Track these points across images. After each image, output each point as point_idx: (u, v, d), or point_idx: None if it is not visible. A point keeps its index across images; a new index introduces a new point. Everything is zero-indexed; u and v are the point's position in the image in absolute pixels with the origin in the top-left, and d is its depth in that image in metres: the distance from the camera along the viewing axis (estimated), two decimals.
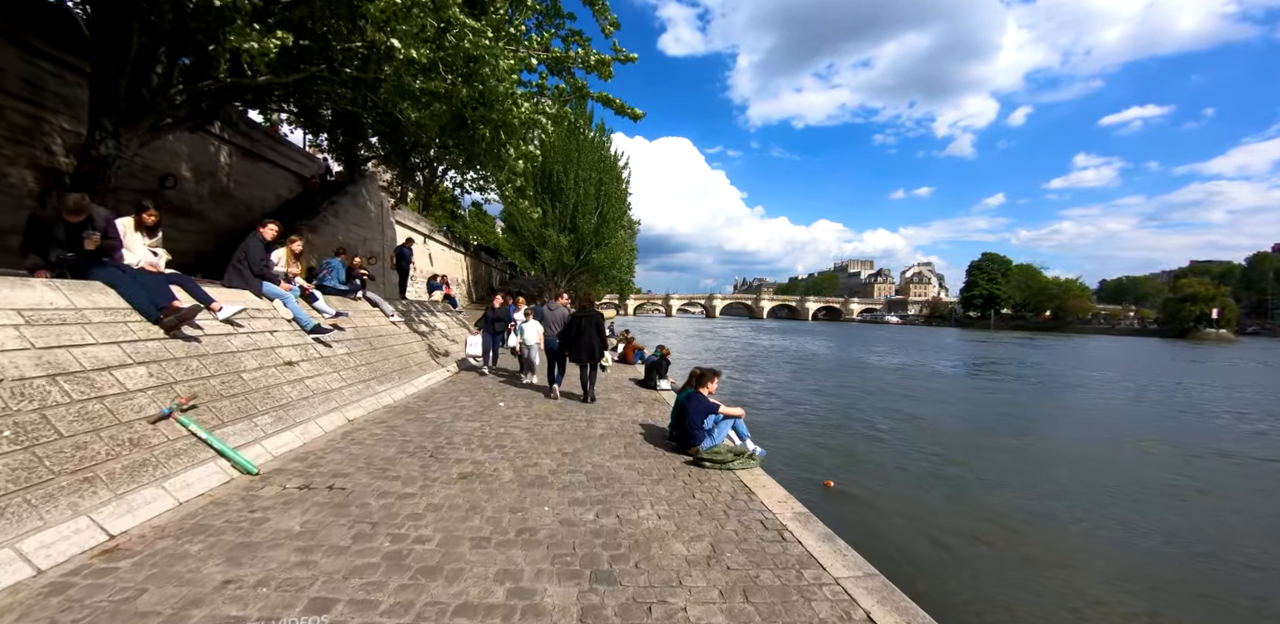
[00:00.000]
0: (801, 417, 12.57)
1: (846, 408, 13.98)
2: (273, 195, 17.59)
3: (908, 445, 10.08)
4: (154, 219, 5.34)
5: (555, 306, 9.19)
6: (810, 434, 10.70)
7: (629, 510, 3.95)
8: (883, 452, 9.62)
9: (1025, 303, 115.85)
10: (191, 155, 13.49)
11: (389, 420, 6.42)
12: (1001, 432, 11.64)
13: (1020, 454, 9.80)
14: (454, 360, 11.12)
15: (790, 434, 10.56)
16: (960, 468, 8.76)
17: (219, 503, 3.71)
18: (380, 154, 15.62)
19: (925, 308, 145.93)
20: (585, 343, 7.87)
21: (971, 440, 10.74)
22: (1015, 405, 15.66)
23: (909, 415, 13.07)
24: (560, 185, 34.83)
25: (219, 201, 14.54)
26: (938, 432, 11.41)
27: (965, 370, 25.81)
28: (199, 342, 5.02)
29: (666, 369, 10.21)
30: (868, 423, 12.02)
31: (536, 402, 8.12)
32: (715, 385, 5.74)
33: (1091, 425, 12.84)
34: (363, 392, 6.98)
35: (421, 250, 34.72)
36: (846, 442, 10.23)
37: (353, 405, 6.49)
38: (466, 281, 46.07)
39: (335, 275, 8.81)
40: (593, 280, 43.15)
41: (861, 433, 11.02)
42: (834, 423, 11.88)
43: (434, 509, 3.78)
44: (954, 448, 9.97)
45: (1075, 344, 57.22)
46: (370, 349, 8.21)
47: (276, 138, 18.27)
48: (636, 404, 8.38)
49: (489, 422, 6.63)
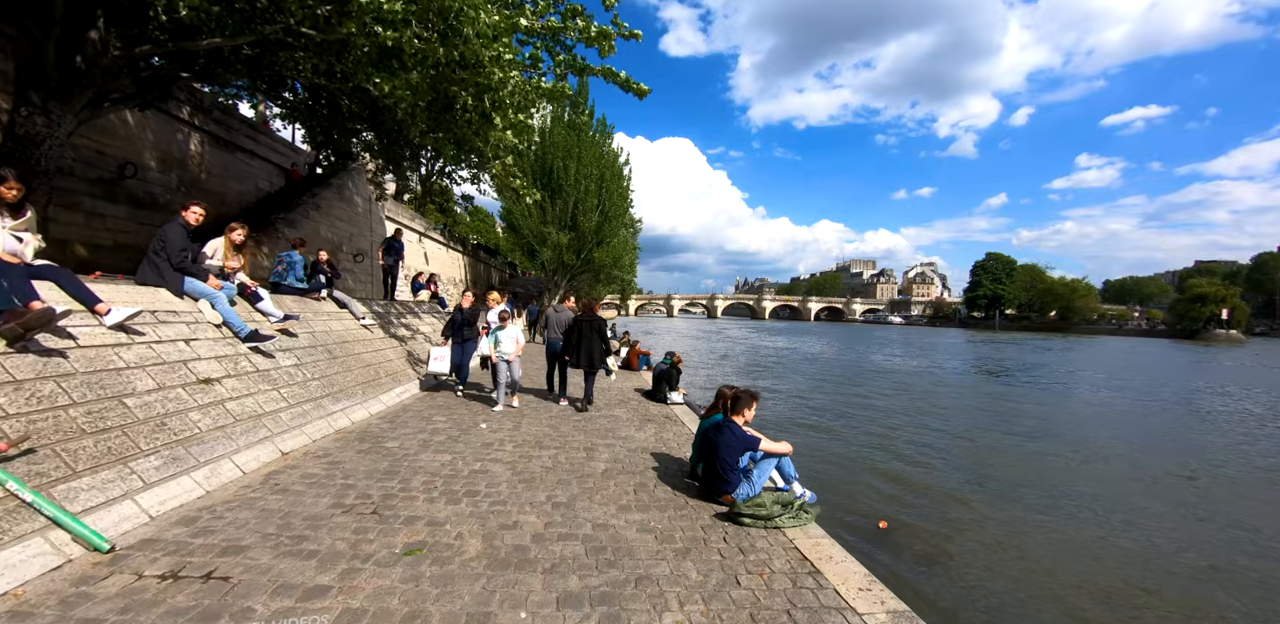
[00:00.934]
0: (834, 433, 11.22)
1: (879, 422, 12.67)
2: (252, 188, 16.32)
3: (957, 468, 8.76)
4: (14, 194, 4.02)
5: (561, 308, 8.61)
6: (845, 455, 9.37)
7: (648, 615, 2.64)
8: (933, 477, 8.28)
9: (1030, 303, 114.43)
10: (157, 142, 12.29)
11: (335, 453, 5.10)
12: (1061, 451, 10.28)
13: (1091, 478, 8.48)
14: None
15: (823, 455, 9.23)
16: (1037, 497, 7.44)
17: (20, 613, 2.40)
18: (365, 144, 14.38)
19: (929, 308, 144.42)
20: (586, 349, 7.60)
21: (1029, 462, 9.40)
22: (1063, 422, 14.32)
23: (950, 431, 11.74)
24: (561, 182, 33.54)
25: (189, 193, 13.31)
26: (985, 450, 10.08)
27: (987, 375, 24.47)
28: (64, 357, 3.70)
29: (678, 379, 8.89)
30: (908, 440, 10.67)
31: (526, 422, 6.81)
32: (753, 412, 4.41)
33: (1157, 444, 11.51)
34: (310, 413, 5.67)
35: (416, 249, 33.39)
36: (888, 464, 8.89)
37: (292, 433, 5.18)
38: (465, 281, 44.73)
39: (292, 271, 7.48)
40: (594, 280, 41.79)
41: (902, 453, 9.68)
42: (870, 441, 10.55)
43: (351, 622, 2.47)
44: (1017, 472, 8.64)
45: (1087, 345, 55.83)
46: (329, 359, 6.89)
47: (256, 127, 17.00)
48: (645, 424, 7.07)
49: (463, 453, 5.31)
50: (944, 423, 12.48)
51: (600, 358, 7.72)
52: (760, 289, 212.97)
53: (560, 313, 8.58)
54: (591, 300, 8.32)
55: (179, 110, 13.01)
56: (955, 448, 10.14)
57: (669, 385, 8.69)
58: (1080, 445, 10.70)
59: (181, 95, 13.22)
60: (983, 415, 13.91)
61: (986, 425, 12.45)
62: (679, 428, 6.93)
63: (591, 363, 7.62)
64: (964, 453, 9.80)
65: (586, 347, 7.56)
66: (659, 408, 8.28)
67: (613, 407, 8.13)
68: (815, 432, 11.09)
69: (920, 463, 9.03)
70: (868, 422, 12.34)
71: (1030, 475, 8.47)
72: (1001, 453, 9.86)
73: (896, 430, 11.50)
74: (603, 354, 7.74)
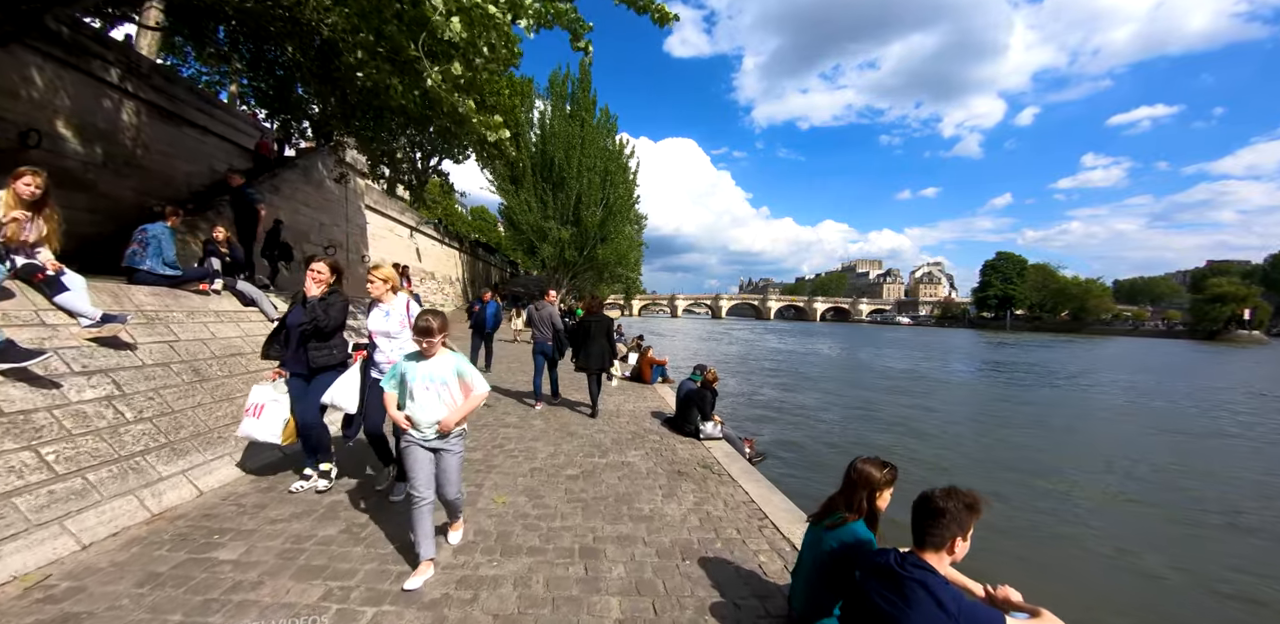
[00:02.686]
0: (939, 462, 8.80)
1: (934, 439, 10.28)
2: (206, 169, 13.95)
3: (1061, 505, 6.34)
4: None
5: (543, 305, 7.85)
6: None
7: None
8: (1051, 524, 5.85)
9: (1042, 303, 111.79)
10: (74, 109, 10.14)
11: (102, 581, 2.65)
12: (1142, 476, 7.83)
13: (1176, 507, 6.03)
14: None
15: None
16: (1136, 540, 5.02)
17: None
18: (328, 115, 12.06)
19: (937, 308, 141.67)
20: (596, 351, 7.12)
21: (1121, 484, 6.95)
22: (1125, 439, 11.84)
23: (1025, 453, 9.31)
24: (562, 174, 31.12)
25: (121, 171, 11.09)
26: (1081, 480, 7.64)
27: (1033, 382, 21.94)
28: None
29: (713, 403, 6.46)
30: (983, 465, 8.28)
31: (492, 480, 4.40)
32: (967, 543, 1.92)
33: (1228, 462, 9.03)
34: (105, 485, 3.24)
35: (409, 244, 31.01)
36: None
37: (42, 531, 2.77)
38: (462, 280, 42.23)
39: (154, 251, 5.05)
40: (598, 278, 39.26)
41: (990, 486, 7.24)
42: (937, 461, 8.19)
43: None
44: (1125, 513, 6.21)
45: (1108, 347, 53.20)
46: (190, 384, 4.47)
47: (209, 99, 14.62)
48: (676, 482, 4.62)
49: (355, 576, 2.85)
50: (1016, 437, 10.03)
51: (609, 360, 7.30)
52: (765, 289, 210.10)
53: (543, 310, 7.81)
54: (597, 299, 8.00)
55: (105, 72, 10.75)
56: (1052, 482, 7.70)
57: (701, 413, 6.26)
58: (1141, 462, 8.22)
59: (110, 55, 11.00)
60: (1061, 437, 11.45)
61: (1078, 450, 9.99)
62: (730, 489, 4.50)
63: (601, 365, 7.17)
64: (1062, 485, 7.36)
65: (597, 349, 7.08)
66: (689, 447, 5.84)
67: (625, 446, 5.71)
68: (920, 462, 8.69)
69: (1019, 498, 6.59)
70: (925, 437, 9.94)
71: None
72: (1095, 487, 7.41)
73: (960, 449, 9.05)
74: (611, 356, 7.28)
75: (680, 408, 6.59)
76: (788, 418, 12.22)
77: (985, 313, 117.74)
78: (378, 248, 26.31)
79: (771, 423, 11.58)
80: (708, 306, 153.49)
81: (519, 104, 33.00)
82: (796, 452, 8.99)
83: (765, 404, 14.17)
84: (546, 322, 7.65)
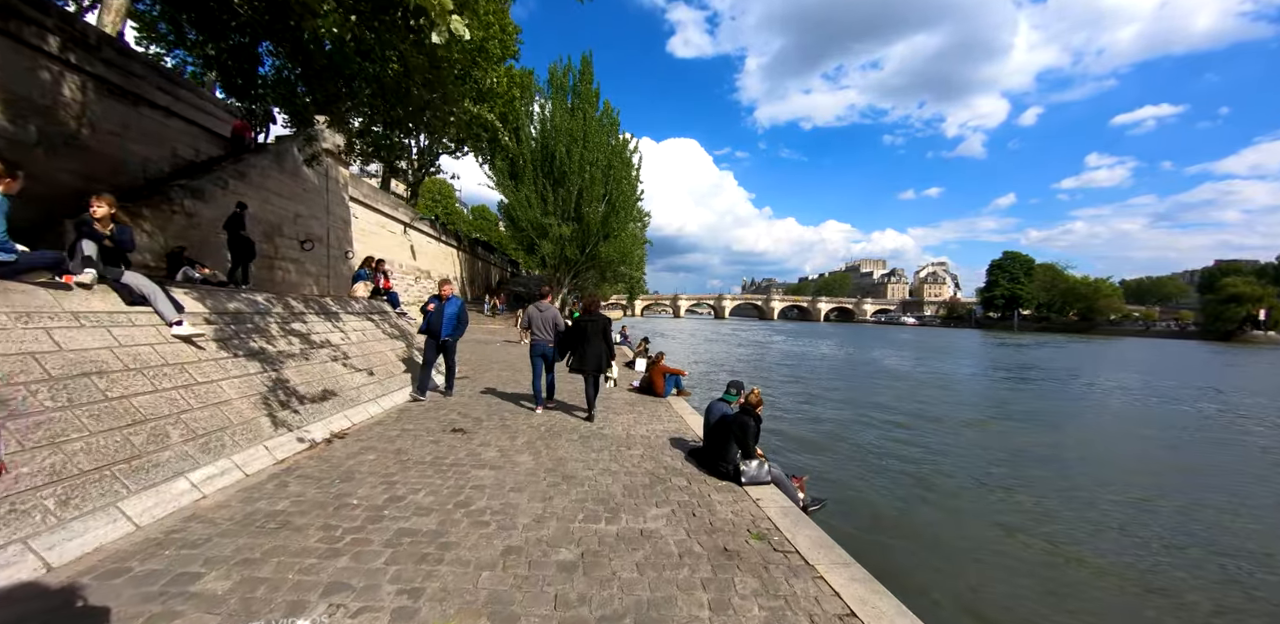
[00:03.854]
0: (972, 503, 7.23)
1: (977, 456, 8.71)
2: (167, 154, 12.47)
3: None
4: None
5: (545, 307, 7.53)
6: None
7: None
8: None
9: (1049, 303, 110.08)
10: (2, 79, 8.68)
11: None
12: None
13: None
14: (323, 427, 5.75)
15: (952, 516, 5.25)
16: None
17: None
18: (292, 83, 10.49)
19: (942, 309, 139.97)
20: (593, 352, 6.92)
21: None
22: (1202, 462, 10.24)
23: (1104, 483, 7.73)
24: (563, 169, 29.54)
25: (60, 152, 9.62)
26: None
27: (1060, 386, 20.35)
28: None
29: (758, 434, 4.84)
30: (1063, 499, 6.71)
31: (430, 595, 2.86)
32: None
33: None
34: None
35: (402, 241, 29.43)
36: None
37: None
38: (460, 279, 40.66)
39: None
40: (600, 277, 37.66)
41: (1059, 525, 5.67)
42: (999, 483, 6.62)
43: None
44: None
45: (1124, 348, 51.55)
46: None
47: (172, 77, 13.12)
48: (726, 569, 3.01)
49: None
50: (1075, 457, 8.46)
51: (607, 361, 7.14)
52: (768, 289, 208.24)
53: (545, 311, 7.44)
54: (594, 298, 7.85)
55: (42, 39, 9.32)
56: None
57: (742, 448, 4.69)
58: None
59: (48, 22, 9.56)
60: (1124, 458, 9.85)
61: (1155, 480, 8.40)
62: (807, 584, 2.93)
63: (599, 367, 7.03)
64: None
65: (593, 350, 6.92)
66: (730, 498, 4.25)
67: (642, 498, 4.11)
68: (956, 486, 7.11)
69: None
70: (970, 453, 8.37)
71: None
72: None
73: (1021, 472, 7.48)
74: (609, 358, 7.14)
75: (712, 439, 5.01)
76: (820, 437, 10.60)
77: (991, 313, 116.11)
78: (369, 244, 24.78)
79: (802, 444, 9.98)
80: (710, 307, 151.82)
81: (518, 95, 31.49)
82: (845, 488, 7.38)
83: (791, 418, 12.57)
84: (549, 322, 7.35)
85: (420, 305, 9.11)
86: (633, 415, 7.44)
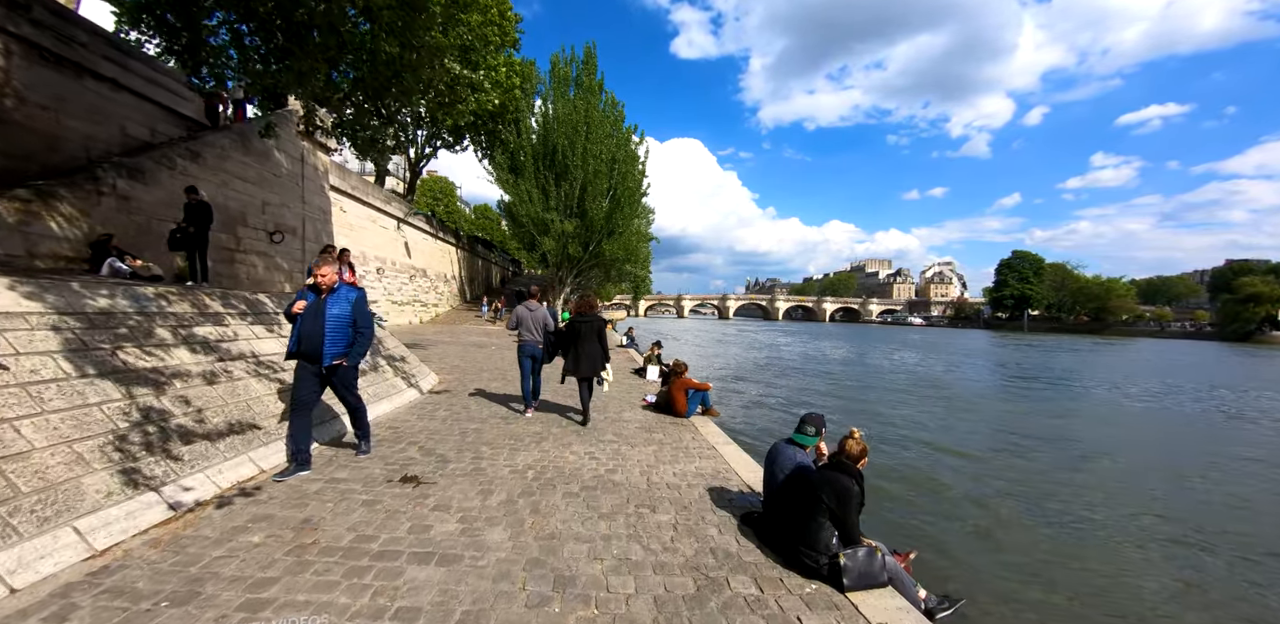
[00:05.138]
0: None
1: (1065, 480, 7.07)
2: (115, 133, 10.84)
3: None
4: None
5: (535, 306, 7.04)
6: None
7: None
8: None
9: (1059, 303, 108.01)
10: None
11: None
12: None
13: None
14: (182, 489, 4.06)
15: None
16: None
17: None
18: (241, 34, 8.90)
19: (949, 309, 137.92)
20: (588, 353, 6.55)
21: None
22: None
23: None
24: (566, 162, 27.87)
25: None
26: None
27: (1104, 394, 18.69)
28: None
29: (862, 502, 3.15)
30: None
31: None
32: None
33: None
34: None
35: (395, 237, 27.82)
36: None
37: None
38: (458, 278, 39.01)
39: None
40: (604, 276, 35.91)
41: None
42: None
43: None
44: None
45: (1145, 349, 49.74)
46: None
47: (121, 46, 11.44)
48: None
49: None
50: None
51: (602, 363, 6.72)
52: (772, 289, 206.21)
53: (535, 311, 7.09)
54: (589, 297, 7.44)
55: None
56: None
57: (839, 526, 3.03)
58: None
59: None
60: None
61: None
62: None
63: (594, 369, 6.63)
64: None
65: (588, 351, 6.54)
66: (833, 622, 2.66)
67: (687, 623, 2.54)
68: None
69: None
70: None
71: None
72: None
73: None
74: (604, 359, 6.71)
75: (783, 504, 3.37)
76: (902, 475, 8.80)
77: (1000, 313, 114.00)
78: (358, 240, 23.19)
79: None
80: (714, 307, 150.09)
81: (518, 85, 29.89)
82: (960, 564, 5.70)
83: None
84: (539, 322, 7.03)
85: (415, 305, 7.53)
86: (652, 448, 5.79)
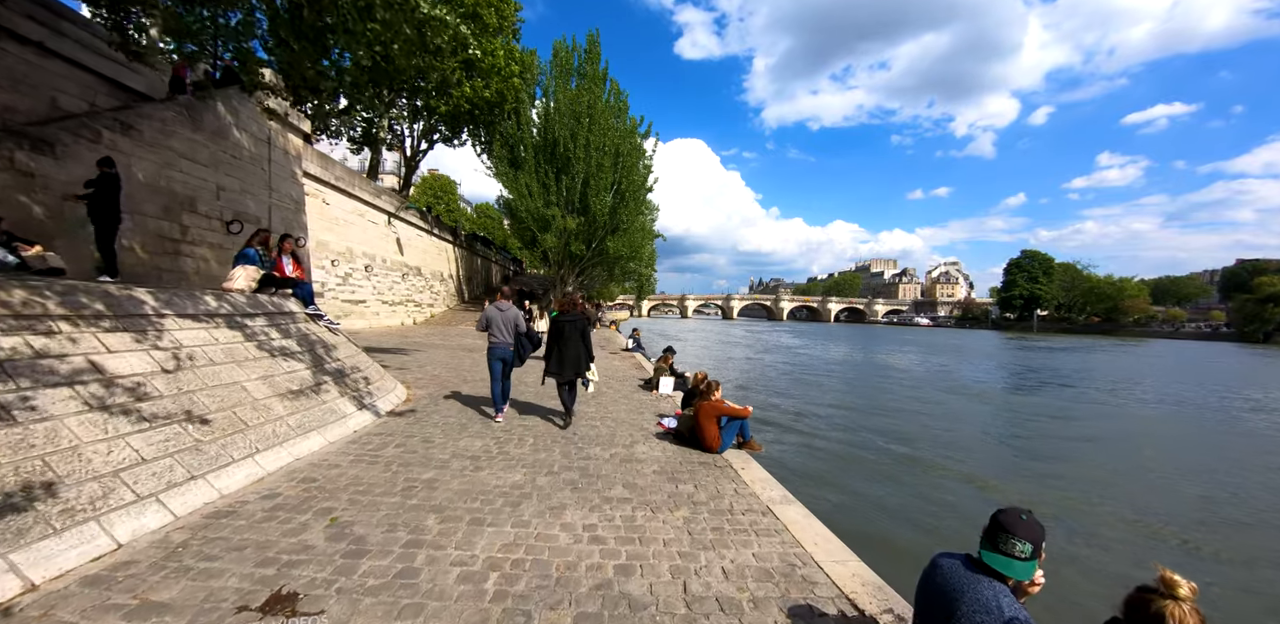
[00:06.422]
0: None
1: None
2: (42, 102, 9.16)
3: None
4: None
5: (505, 306, 6.75)
6: None
7: None
8: None
9: (1070, 304, 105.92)
10: None
11: None
12: None
13: None
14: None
15: None
16: None
17: None
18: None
19: (956, 309, 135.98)
20: (572, 355, 6.49)
21: None
22: None
23: None
24: (568, 154, 26.18)
25: None
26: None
27: (1136, 399, 16.97)
28: None
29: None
30: None
31: None
32: None
33: None
34: None
35: (385, 233, 26.14)
36: None
37: None
38: (455, 277, 37.34)
39: None
40: (608, 275, 34.17)
41: None
42: None
43: None
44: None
45: (1167, 351, 47.88)
46: None
47: (61, 11, 9.80)
48: None
49: None
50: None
51: (586, 364, 6.67)
52: (776, 289, 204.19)
53: (505, 311, 6.67)
54: (572, 295, 7.30)
55: None
56: None
57: None
58: None
59: None
60: None
61: None
62: None
63: (576, 371, 6.57)
64: None
65: (571, 352, 6.45)
66: None
67: None
68: None
69: None
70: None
71: None
72: None
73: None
74: (588, 360, 6.69)
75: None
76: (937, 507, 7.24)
77: (1008, 314, 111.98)
78: (343, 235, 21.54)
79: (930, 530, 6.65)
80: (718, 307, 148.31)
81: (517, 73, 28.24)
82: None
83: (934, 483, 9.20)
84: (510, 323, 6.76)
85: (409, 305, 5.76)
86: (682, 513, 4.00)
